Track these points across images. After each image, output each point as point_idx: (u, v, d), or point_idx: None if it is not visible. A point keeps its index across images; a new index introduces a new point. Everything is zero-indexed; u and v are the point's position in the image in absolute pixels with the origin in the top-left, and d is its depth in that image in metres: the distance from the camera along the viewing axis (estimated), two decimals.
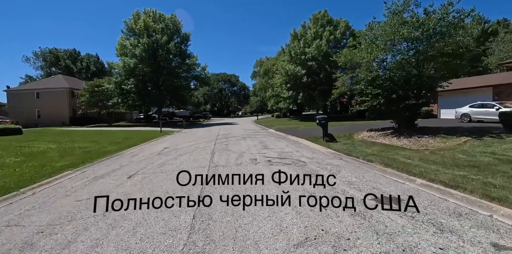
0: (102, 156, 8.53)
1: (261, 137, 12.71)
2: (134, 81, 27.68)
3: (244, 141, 10.98)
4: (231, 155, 7.47)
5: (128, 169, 6.31)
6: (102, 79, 31.35)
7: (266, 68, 37.98)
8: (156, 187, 4.58)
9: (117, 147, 10.49)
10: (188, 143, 10.96)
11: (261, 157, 6.93)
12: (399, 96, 10.62)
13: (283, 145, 9.48)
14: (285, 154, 7.58)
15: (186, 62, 31.52)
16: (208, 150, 8.65)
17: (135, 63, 27.19)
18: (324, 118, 10.08)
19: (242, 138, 12.23)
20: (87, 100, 29.34)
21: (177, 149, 9.43)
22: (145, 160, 7.39)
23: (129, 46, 28.08)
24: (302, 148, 8.79)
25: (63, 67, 60.84)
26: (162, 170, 5.89)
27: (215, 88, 72.43)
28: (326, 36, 25.72)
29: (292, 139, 11.59)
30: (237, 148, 8.88)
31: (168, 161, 6.91)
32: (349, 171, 5.47)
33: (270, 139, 11.51)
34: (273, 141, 10.75)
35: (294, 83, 26.69)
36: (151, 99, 28.71)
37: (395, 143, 9.44)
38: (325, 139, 9.91)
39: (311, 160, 6.67)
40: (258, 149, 8.46)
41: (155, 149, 9.65)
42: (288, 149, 8.49)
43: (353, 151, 7.84)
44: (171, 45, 27.69)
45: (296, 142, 10.69)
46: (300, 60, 26.68)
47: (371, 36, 10.82)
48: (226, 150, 8.35)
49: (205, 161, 6.65)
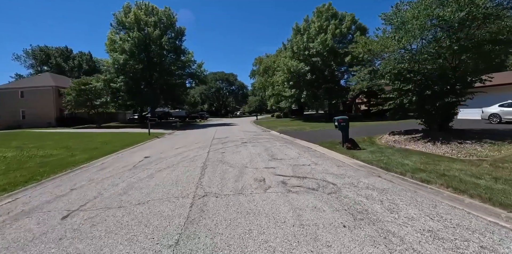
0: (61, 169, 6.51)
1: (264, 141, 10.72)
2: (124, 79, 25.57)
3: (245, 147, 8.98)
4: (229, 171, 5.48)
5: (77, 195, 4.31)
6: (90, 77, 29.17)
7: (266, 66, 35.97)
8: (92, 250, 2.57)
9: (88, 156, 8.47)
10: (176, 150, 8.94)
11: (270, 176, 4.95)
12: (435, 93, 8.69)
13: (294, 154, 7.51)
14: (302, 168, 5.61)
15: (181, 59, 29.47)
16: (199, 161, 6.65)
17: (125, 59, 25.09)
18: (344, 120, 8.13)
19: (242, 143, 10.24)
20: (73, 100, 27.16)
21: (160, 158, 7.42)
22: (110, 179, 5.39)
23: (119, 41, 25.99)
24: (320, 158, 6.82)
25: (54, 66, 58.49)
26: (122, 201, 3.88)
27: (212, 88, 70.36)
28: (331, 30, 23.78)
29: (302, 144, 9.62)
30: (236, 158, 6.89)
31: (138, 182, 4.90)
32: (408, 202, 3.53)
33: (275, 144, 9.53)
34: (280, 147, 8.77)
35: (297, 81, 24.73)
36: (143, 98, 26.60)
37: (434, 151, 7.53)
38: (346, 145, 7.95)
39: (341, 179, 4.71)
40: (264, 160, 6.48)
41: (132, 159, 7.63)
42: (303, 160, 6.52)
43: (390, 164, 5.92)
44: (164, 39, 25.62)
45: (308, 148, 8.72)
46: (304, 56, 24.73)
47: (398, 19, 8.85)
48: (222, 162, 6.36)
49: (191, 183, 4.65)
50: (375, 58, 11.05)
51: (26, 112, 31.88)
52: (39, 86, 31.91)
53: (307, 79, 23.41)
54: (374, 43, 10.13)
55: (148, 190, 4.29)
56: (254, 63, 49.02)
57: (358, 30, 25.17)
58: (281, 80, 26.07)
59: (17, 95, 32.02)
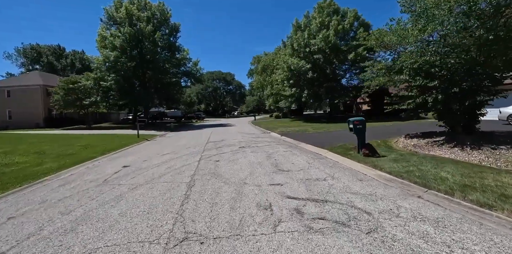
0: (15, 184, 5.21)
1: (264, 145, 9.47)
2: (115, 77, 24.15)
3: (243, 153, 7.71)
4: (223, 190, 4.21)
5: (9, 230, 3.02)
6: (80, 75, 27.70)
7: (265, 64, 34.71)
8: None
9: (58, 164, 7.16)
10: (162, 157, 7.65)
11: (278, 199, 3.69)
12: (462, 91, 7.52)
13: (303, 162, 6.26)
14: (317, 185, 4.37)
15: (176, 57, 28.13)
16: (186, 174, 5.37)
17: (116, 56, 23.68)
18: (361, 122, 6.90)
19: (240, 147, 8.97)
20: (61, 99, 25.69)
21: (141, 169, 6.13)
22: (67, 200, 4.10)
23: (110, 37, 24.58)
24: (335, 169, 5.59)
25: (46, 64, 56.68)
26: (62, 246, 2.59)
27: (209, 87, 68.96)
28: (334, 26, 22.58)
29: (308, 150, 8.38)
30: (233, 169, 5.62)
31: (99, 208, 3.61)
32: (488, 248, 2.30)
33: (278, 150, 8.28)
34: (285, 154, 7.52)
35: (297, 80, 23.51)
36: (135, 97, 25.19)
37: (466, 158, 6.37)
38: (363, 151, 6.73)
39: (373, 203, 3.48)
40: (267, 173, 5.23)
41: (107, 170, 6.32)
42: (316, 172, 5.28)
43: (425, 177, 4.73)
44: (158, 35, 24.25)
45: (317, 155, 7.48)
46: (304, 53, 23.52)
47: (422, 3, 7.63)
48: (214, 176, 5.08)
49: (169, 212, 3.32)
50: (389, 52, 9.86)
51: (13, 112, 30.34)
52: (27, 85, 30.35)
53: (308, 78, 22.19)
54: (389, 35, 8.95)
55: (106, 225, 3.00)
56: (252, 62, 47.77)
57: (361, 27, 24.07)
58: (280, 78, 24.83)
59: (3, 95, 30.44)
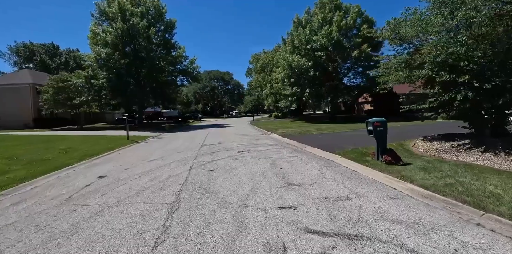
0: None
1: (266, 149, 8.40)
2: (107, 75, 22.96)
3: (242, 160, 6.63)
4: (217, 217, 3.10)
5: None
6: (70, 73, 26.46)
7: (264, 63, 33.64)
8: None
9: (26, 173, 6.05)
10: (146, 165, 6.54)
11: (294, 233, 2.61)
12: (495, 88, 6.51)
13: (315, 172, 5.20)
14: (342, 208, 3.30)
15: (172, 54, 26.98)
16: (171, 189, 4.26)
17: (107, 53, 22.52)
18: (382, 123, 5.86)
19: (239, 152, 7.89)
20: (50, 98, 24.43)
21: (117, 181, 5.03)
22: (3, 231, 3.01)
23: (102, 34, 23.41)
24: (357, 181, 4.53)
25: (39, 63, 55.15)
26: None
27: (207, 87, 67.74)
28: (337, 22, 21.55)
29: (317, 155, 7.33)
30: (230, 183, 4.52)
31: (37, 250, 2.54)
32: None
33: (283, 155, 7.22)
34: (291, 160, 6.46)
35: (298, 78, 22.47)
36: (129, 96, 24.04)
37: (504, 166, 5.51)
38: (385, 158, 5.68)
39: (426, 238, 2.42)
40: (274, 188, 4.15)
41: (79, 182, 5.22)
42: (335, 187, 4.22)
43: (471, 193, 3.75)
44: (152, 31, 23.09)
45: (329, 161, 6.42)
46: (306, 50, 22.49)
47: None
48: (206, 193, 3.97)
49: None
50: (406, 45, 8.83)
51: (1, 112, 28.97)
52: (16, 84, 29.01)
53: (310, 76, 21.14)
54: (407, 25, 7.93)
55: None
56: (251, 61, 46.65)
57: (365, 23, 23.07)
58: (280, 77, 23.77)
59: None
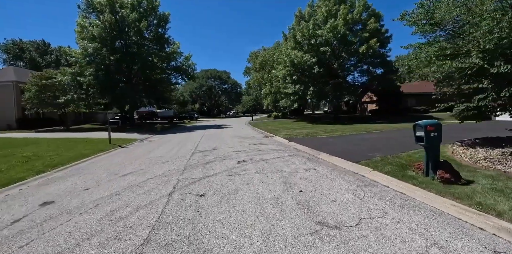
0: None
1: (273, 157, 6.79)
2: (94, 72, 21.19)
3: (245, 176, 5.00)
4: None
5: None
6: (56, 70, 24.63)
7: (263, 60, 32.01)
8: None
9: None
10: (115, 183, 4.86)
11: None
12: None
13: (351, 198, 3.59)
14: None
15: (166, 50, 25.25)
16: (129, 242, 2.61)
17: (95, 47, 20.75)
18: (436, 127, 4.27)
19: (239, 162, 6.27)
20: (33, 97, 22.60)
21: (60, 215, 3.36)
22: None
23: (89, 27, 21.65)
24: (419, 216, 2.94)
25: (29, 61, 52.99)
26: None
27: (203, 86, 65.97)
28: (343, 15, 20.02)
29: (339, 166, 5.74)
30: (228, 225, 2.82)
31: None
32: None
33: (297, 167, 5.62)
34: (309, 176, 4.86)
35: (301, 75, 20.91)
36: (118, 95, 22.27)
37: None
38: (440, 174, 4.12)
39: None
40: (300, 238, 2.49)
41: (8, 214, 3.55)
42: (394, 230, 2.63)
43: None
44: (143, 24, 21.34)
45: (360, 178, 4.81)
46: (309, 46, 20.93)
47: None
48: (187, 251, 2.38)
49: None
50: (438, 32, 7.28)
51: None
52: None
53: (314, 73, 19.58)
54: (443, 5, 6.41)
55: None
56: (249, 59, 44.94)
57: (372, 17, 21.59)
58: (281, 74, 22.17)
59: None
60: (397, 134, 10.98)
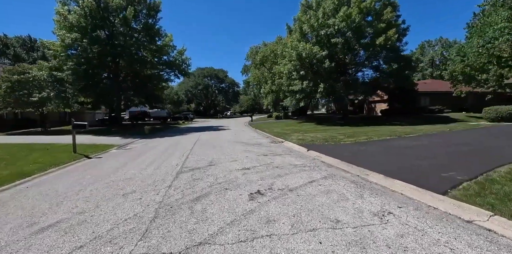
0: None
1: (305, 184, 4.33)
2: (73, 66, 18.52)
3: (273, 243, 2.60)
4: None
5: None
6: (30, 65, 21.89)
7: (264, 55, 29.49)
8: None
9: None
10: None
11: None
12: None
13: None
14: None
15: (157, 44, 22.68)
16: None
17: (74, 38, 18.11)
18: None
19: (251, 196, 3.79)
20: (5, 95, 19.82)
21: None
22: None
23: (68, 15, 18.97)
24: None
25: (13, 57, 49.71)
26: None
27: (199, 85, 63.28)
28: (357, 3, 17.66)
29: (416, 200, 3.28)
30: None
31: None
32: None
33: (359, 210, 3.19)
34: (388, 233, 2.43)
35: (310, 71, 18.49)
36: (101, 92, 19.63)
37: None
38: None
39: None
40: None
41: None
42: None
43: None
44: (129, 11, 18.72)
45: (499, 242, 2.39)
46: (318, 37, 18.51)
47: None
48: None
49: None
50: None
51: None
52: None
53: (325, 68, 17.16)
54: None
55: None
56: (248, 56, 42.34)
57: (387, 6, 19.26)
58: (286, 70, 19.67)
59: None
60: (443, 139, 8.61)
